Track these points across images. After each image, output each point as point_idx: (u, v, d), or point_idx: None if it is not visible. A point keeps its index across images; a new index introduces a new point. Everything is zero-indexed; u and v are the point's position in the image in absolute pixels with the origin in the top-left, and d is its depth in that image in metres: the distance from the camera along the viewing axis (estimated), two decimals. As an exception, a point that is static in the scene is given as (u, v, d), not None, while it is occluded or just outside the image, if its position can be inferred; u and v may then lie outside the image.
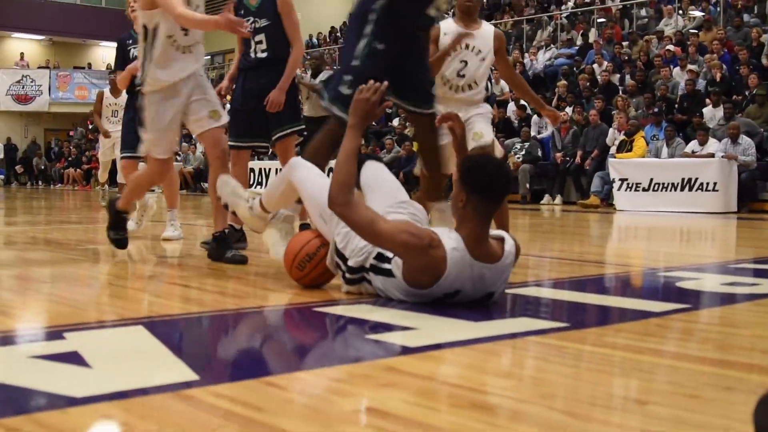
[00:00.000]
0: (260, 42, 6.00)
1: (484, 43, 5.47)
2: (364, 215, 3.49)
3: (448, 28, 5.46)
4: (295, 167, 4.25)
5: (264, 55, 6.03)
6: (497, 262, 3.49)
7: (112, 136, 11.82)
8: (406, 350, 2.69)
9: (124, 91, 12.09)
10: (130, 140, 7.12)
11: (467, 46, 5.41)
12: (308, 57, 20.93)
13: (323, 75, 8.39)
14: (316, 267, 3.98)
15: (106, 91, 12.06)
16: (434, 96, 4.92)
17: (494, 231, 3.63)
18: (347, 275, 3.79)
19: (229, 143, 6.05)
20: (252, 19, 6.02)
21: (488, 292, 3.53)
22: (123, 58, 7.24)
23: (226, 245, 5.22)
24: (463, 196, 3.44)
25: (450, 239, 3.43)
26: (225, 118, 5.33)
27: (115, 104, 11.83)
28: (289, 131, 6.06)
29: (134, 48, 7.09)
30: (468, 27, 5.43)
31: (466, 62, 5.41)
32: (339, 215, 3.57)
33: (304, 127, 6.21)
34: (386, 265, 3.58)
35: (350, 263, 3.73)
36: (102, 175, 13.12)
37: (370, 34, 4.51)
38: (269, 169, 20.66)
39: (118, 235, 5.44)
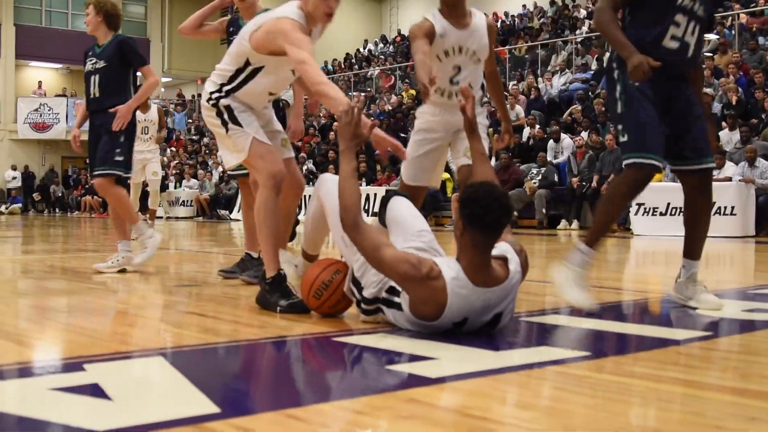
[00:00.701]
0: None
1: (478, 41, 4.93)
2: (370, 241, 3.54)
3: (442, 27, 4.82)
4: (323, 181, 4.33)
5: None
6: (502, 284, 3.48)
7: (139, 157, 11.51)
8: (426, 381, 2.68)
9: (153, 107, 12.00)
10: (103, 158, 6.71)
11: (460, 49, 4.88)
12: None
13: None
14: (333, 294, 3.99)
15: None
16: (710, 148, 4.44)
17: (498, 246, 3.60)
18: (363, 305, 3.82)
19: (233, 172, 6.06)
20: None
21: (496, 313, 3.51)
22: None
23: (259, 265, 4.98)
24: (460, 225, 3.44)
25: (450, 269, 3.42)
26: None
27: (144, 120, 11.72)
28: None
29: (90, 61, 6.81)
30: (458, 22, 4.86)
31: (459, 67, 4.90)
32: (350, 238, 3.63)
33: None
34: (396, 299, 3.59)
35: (365, 294, 3.76)
36: (132, 199, 12.67)
37: (620, 76, 4.38)
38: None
39: (292, 299, 4.30)
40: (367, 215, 17.24)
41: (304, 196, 7.15)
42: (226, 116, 4.54)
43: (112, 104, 6.69)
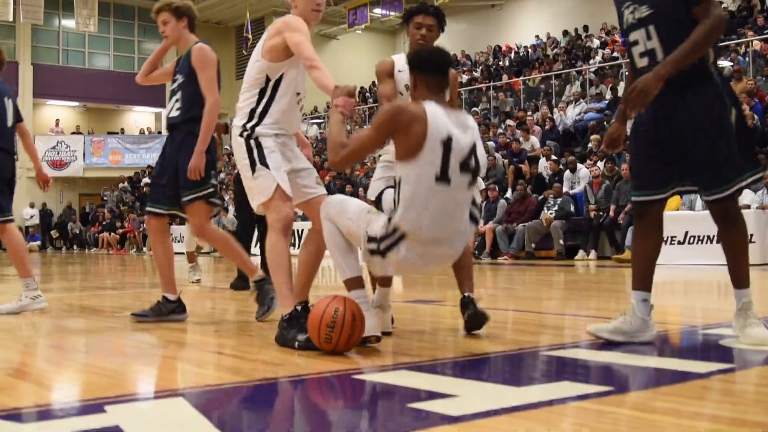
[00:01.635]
0: (177, 101, 5.82)
1: None
2: (359, 141, 4.06)
3: (402, 64, 5.03)
4: (329, 204, 4.44)
5: (176, 114, 5.81)
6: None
7: None
8: (448, 419, 2.66)
9: None
10: None
11: None
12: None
13: None
14: (342, 332, 4.01)
15: None
16: (733, 171, 4.15)
17: None
18: (381, 246, 4.07)
19: (147, 208, 5.95)
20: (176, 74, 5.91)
21: (473, 143, 4.04)
22: None
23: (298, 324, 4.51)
24: (412, 82, 4.12)
25: None
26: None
27: None
28: (190, 197, 5.76)
29: None
30: None
31: None
32: (343, 160, 4.09)
33: (209, 191, 5.81)
34: (384, 218, 4.10)
35: (378, 234, 4.08)
36: (189, 240, 11.30)
37: None
38: (302, 230, 20.70)
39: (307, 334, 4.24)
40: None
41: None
42: (255, 154, 4.61)
43: None
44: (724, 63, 20.15)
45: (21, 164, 34.47)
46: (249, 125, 4.66)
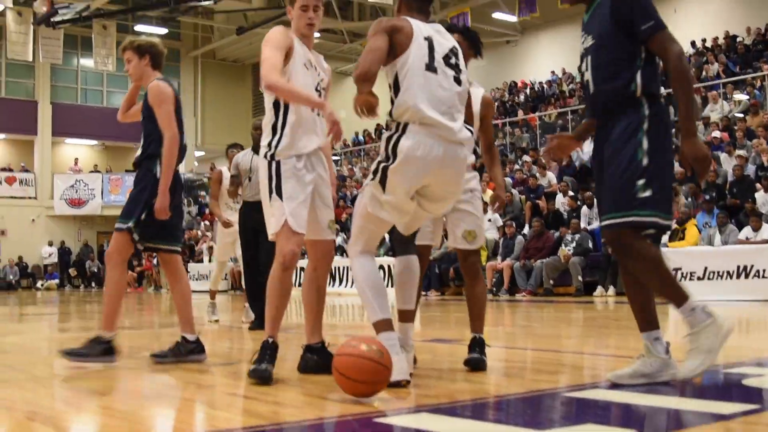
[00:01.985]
0: (142, 139, 5.78)
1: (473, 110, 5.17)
2: (365, 54, 4.28)
3: None
4: (353, 262, 4.59)
5: (138, 153, 5.77)
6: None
7: (233, 227, 10.02)
8: (468, 465, 2.63)
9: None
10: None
11: None
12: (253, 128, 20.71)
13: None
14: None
15: (224, 169, 10.25)
16: (630, 202, 4.02)
17: None
18: (388, 148, 4.31)
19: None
20: None
21: (453, 45, 4.50)
22: None
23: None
24: (397, 4, 4.56)
25: None
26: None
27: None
28: (117, 226, 5.78)
29: None
30: None
31: None
32: (362, 70, 4.25)
33: (129, 226, 5.72)
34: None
35: (383, 146, 4.38)
36: (215, 280, 11.12)
37: None
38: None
39: (259, 366, 4.56)
40: (389, 285, 17.14)
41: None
42: (273, 183, 4.71)
43: None
44: (740, 96, 20.14)
45: (39, 203, 34.93)
46: (273, 143, 4.75)
